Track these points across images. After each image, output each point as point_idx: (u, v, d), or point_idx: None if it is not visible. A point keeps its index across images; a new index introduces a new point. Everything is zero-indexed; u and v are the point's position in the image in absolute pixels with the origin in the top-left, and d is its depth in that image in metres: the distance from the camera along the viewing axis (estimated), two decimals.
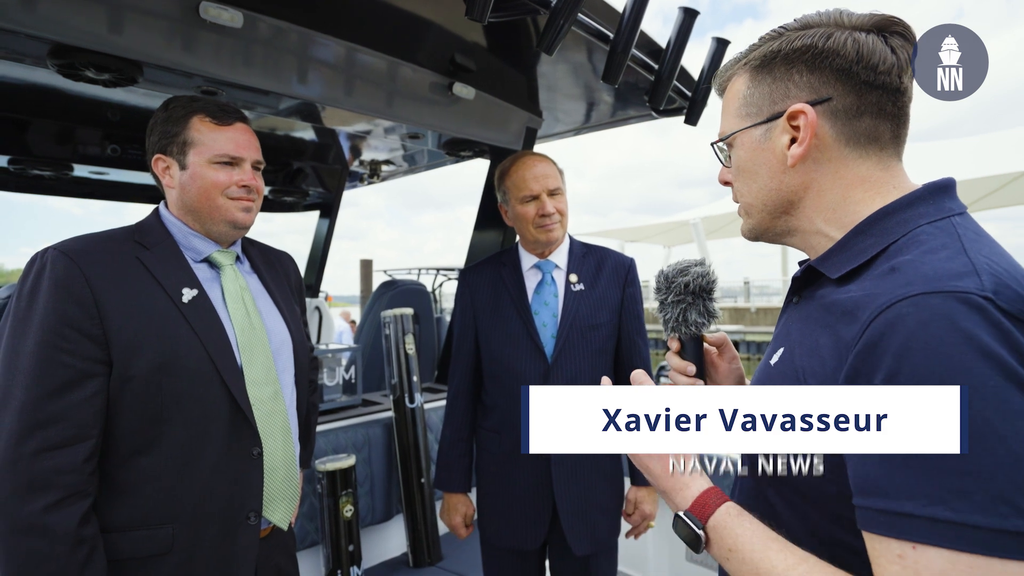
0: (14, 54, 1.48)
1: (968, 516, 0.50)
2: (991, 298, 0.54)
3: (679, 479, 0.74)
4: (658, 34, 1.75)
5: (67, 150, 2.50)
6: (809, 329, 0.69)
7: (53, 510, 1.01)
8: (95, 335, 1.08)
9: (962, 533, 0.51)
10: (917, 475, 0.53)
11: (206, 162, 1.24)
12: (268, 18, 1.60)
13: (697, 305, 0.92)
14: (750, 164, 0.78)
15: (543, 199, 1.68)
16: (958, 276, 0.56)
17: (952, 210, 0.67)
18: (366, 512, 2.28)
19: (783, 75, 0.73)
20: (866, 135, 0.70)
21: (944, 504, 0.51)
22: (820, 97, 0.70)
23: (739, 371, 1.01)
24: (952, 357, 0.52)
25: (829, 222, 0.73)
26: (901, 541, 0.54)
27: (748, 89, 0.77)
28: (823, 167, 0.72)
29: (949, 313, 0.54)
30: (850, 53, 0.68)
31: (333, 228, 3.88)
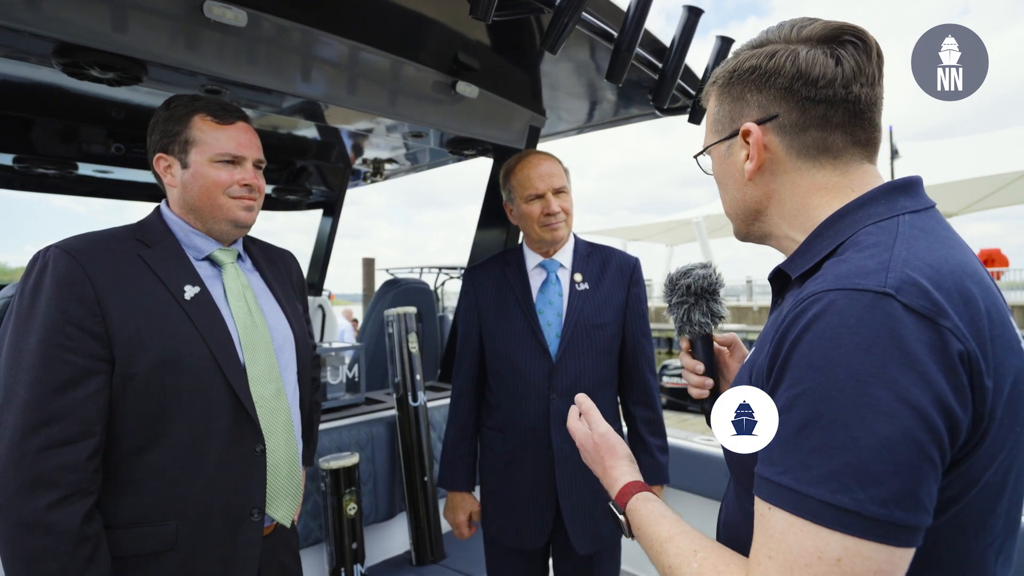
0: (19, 53, 1.48)
1: (805, 486, 0.57)
2: (891, 294, 0.58)
3: (611, 475, 0.90)
4: (662, 32, 1.75)
5: (71, 148, 2.51)
6: (769, 328, 0.74)
7: (57, 508, 1.02)
8: (97, 333, 1.09)
9: (799, 500, 0.57)
10: (779, 446, 0.60)
11: (207, 161, 1.24)
12: (272, 17, 1.60)
13: (700, 306, 0.96)
14: (720, 176, 0.84)
15: (548, 198, 1.68)
16: (865, 274, 0.60)
17: (905, 208, 0.69)
18: (369, 510, 2.29)
19: (739, 94, 0.78)
20: (815, 147, 0.74)
21: (791, 474, 0.58)
22: (768, 115, 0.75)
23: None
24: (827, 348, 0.58)
25: (794, 227, 0.77)
26: (763, 502, 0.61)
27: (716, 107, 0.82)
28: (780, 178, 0.77)
29: (840, 308, 0.59)
30: (789, 71, 0.72)
31: (336, 226, 3.88)
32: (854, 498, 0.55)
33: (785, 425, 0.60)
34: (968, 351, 0.57)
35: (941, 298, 0.58)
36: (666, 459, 1.78)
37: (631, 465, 0.91)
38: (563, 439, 1.65)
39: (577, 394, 0.96)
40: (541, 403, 1.66)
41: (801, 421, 0.58)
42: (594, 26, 1.54)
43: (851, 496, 0.55)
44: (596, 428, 0.95)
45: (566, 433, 1.66)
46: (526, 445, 1.68)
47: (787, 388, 0.61)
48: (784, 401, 0.61)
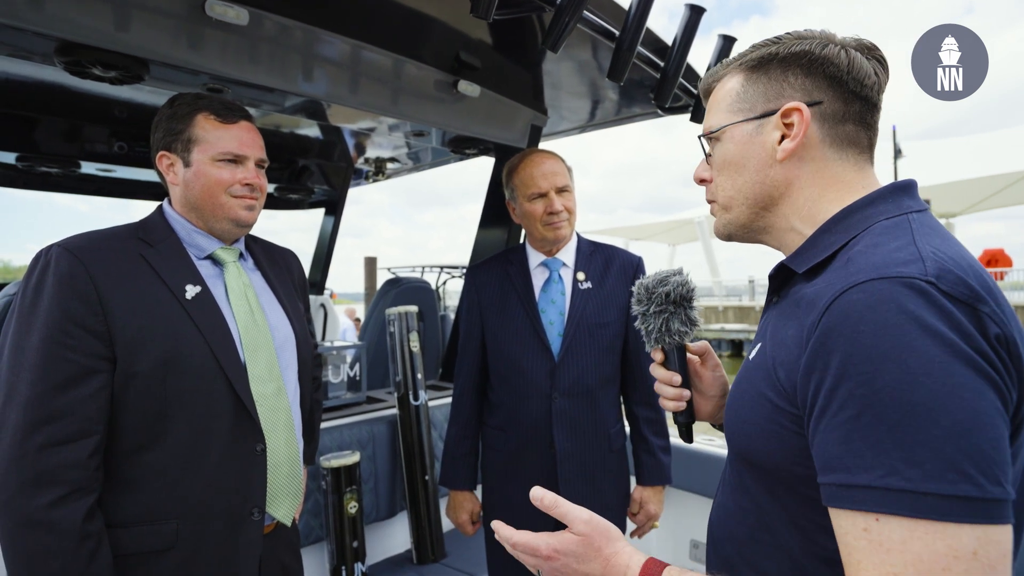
0: (22, 52, 1.48)
1: (920, 484, 0.53)
2: (933, 282, 0.58)
3: (617, 562, 0.73)
4: (664, 31, 1.74)
5: (74, 147, 2.51)
6: (781, 323, 0.73)
7: (59, 505, 1.02)
8: (99, 331, 1.09)
9: (916, 500, 0.53)
10: (871, 448, 0.56)
11: (210, 160, 1.24)
12: (274, 16, 1.61)
13: (679, 314, 0.93)
14: (738, 157, 0.81)
15: (551, 197, 1.68)
16: (904, 263, 0.60)
17: (910, 208, 0.71)
18: (370, 509, 2.29)
19: (779, 76, 0.78)
20: (847, 139, 0.76)
21: (898, 474, 0.54)
22: (812, 100, 0.76)
23: (722, 379, 1.02)
24: (898, 336, 0.56)
25: (803, 220, 0.78)
26: (865, 514, 0.56)
27: (743, 87, 0.81)
28: (806, 165, 0.77)
29: (894, 296, 0.58)
30: (843, 63, 0.74)
31: (338, 225, 3.89)
32: (976, 484, 0.52)
33: (869, 424, 0.56)
34: (1005, 335, 0.58)
35: (975, 285, 0.59)
36: (669, 459, 1.78)
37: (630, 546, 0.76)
38: (565, 438, 1.65)
39: (532, 490, 0.78)
40: (543, 402, 1.66)
41: (892, 416, 0.55)
42: (596, 24, 1.54)
43: (972, 483, 0.52)
44: (578, 517, 0.75)
45: (568, 431, 1.67)
46: (528, 444, 1.68)
47: (860, 385, 0.57)
48: (858, 399, 0.57)
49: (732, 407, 0.80)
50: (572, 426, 1.66)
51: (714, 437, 2.61)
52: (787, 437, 0.67)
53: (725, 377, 1.02)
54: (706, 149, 0.87)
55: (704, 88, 0.89)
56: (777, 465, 0.70)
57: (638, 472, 1.80)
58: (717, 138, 0.84)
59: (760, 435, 0.72)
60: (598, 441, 1.69)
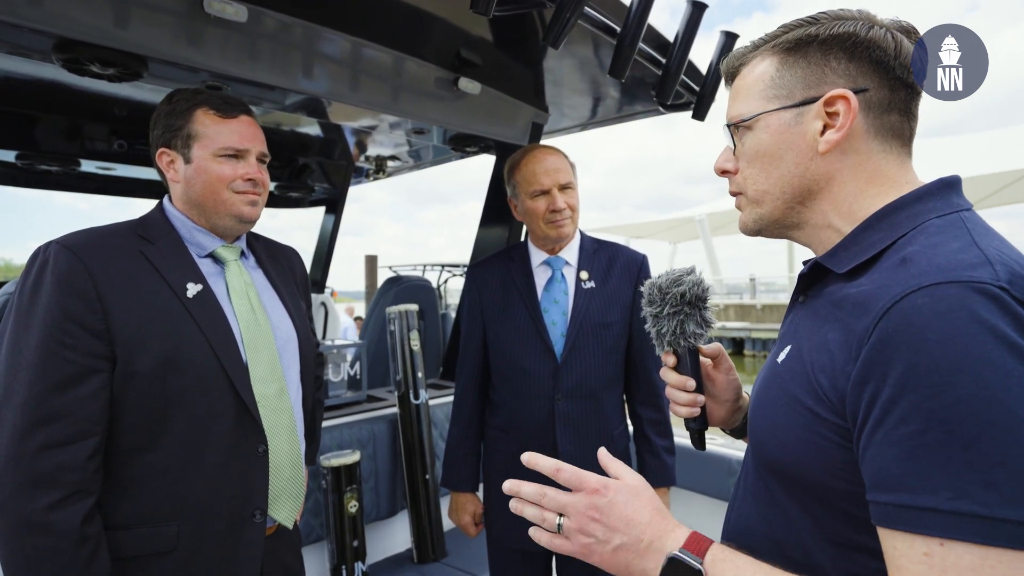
0: (20, 49, 1.48)
1: (997, 509, 0.49)
2: (1006, 288, 0.54)
3: (668, 518, 0.72)
4: (665, 27, 1.74)
5: (74, 145, 2.51)
6: (817, 325, 0.68)
7: (57, 508, 1.01)
8: (98, 330, 1.08)
9: (992, 527, 0.49)
10: (940, 467, 0.51)
11: (211, 155, 1.23)
12: (272, 12, 1.60)
13: (694, 315, 0.89)
14: (774, 148, 0.75)
15: (554, 194, 1.66)
16: (972, 266, 0.56)
17: (960, 206, 0.67)
18: (371, 508, 2.28)
19: (819, 60, 0.71)
20: (892, 130, 0.71)
21: (970, 497, 0.50)
22: (857, 87, 0.70)
23: (736, 382, 0.98)
24: (972, 347, 0.52)
25: (841, 216, 0.73)
26: (927, 538, 0.52)
27: (778, 71, 0.74)
28: (848, 158, 0.72)
29: (966, 303, 0.53)
30: (890, 47, 0.69)
31: (339, 224, 3.88)
32: None
33: (938, 442, 0.52)
34: None
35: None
36: (673, 461, 1.76)
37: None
38: (568, 440, 1.64)
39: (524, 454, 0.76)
40: (546, 404, 1.64)
41: (965, 434, 0.51)
42: (597, 21, 1.52)
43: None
44: (631, 472, 0.76)
45: (571, 434, 1.65)
46: (530, 446, 1.65)
47: (927, 398, 0.52)
48: (925, 413, 0.53)
49: (759, 413, 0.75)
50: (575, 428, 1.64)
51: (715, 436, 2.60)
52: (827, 449, 0.63)
53: (738, 380, 0.99)
54: (733, 139, 0.80)
55: (728, 70, 0.82)
56: (814, 478, 0.66)
57: (642, 473, 1.77)
58: (748, 127, 0.77)
59: (795, 445, 0.67)
60: (601, 443, 1.66)
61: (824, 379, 0.63)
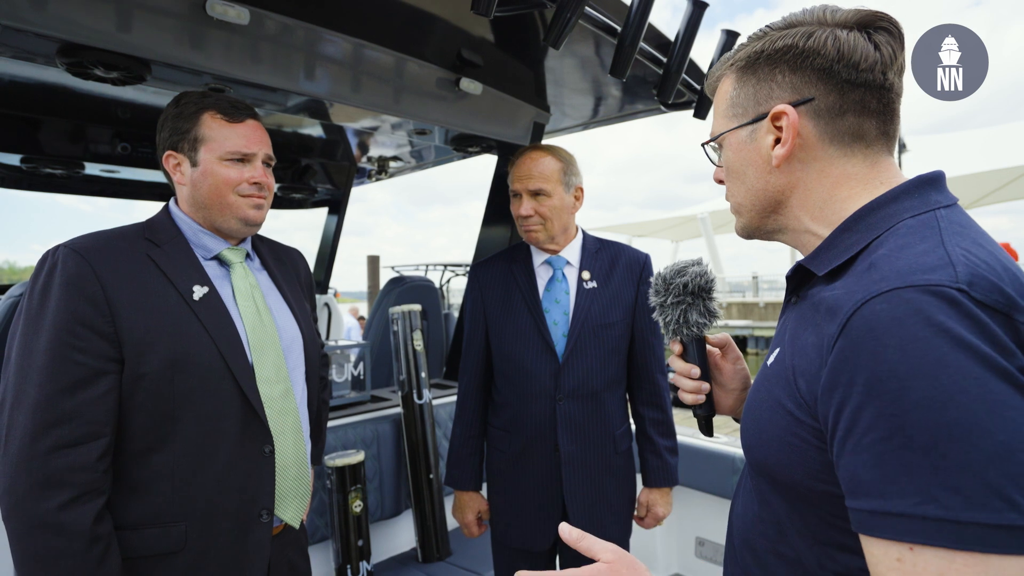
0: (24, 53, 1.49)
1: (961, 513, 0.49)
2: (964, 289, 0.53)
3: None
4: (667, 26, 1.73)
5: (78, 148, 2.52)
6: (800, 328, 0.69)
7: (68, 508, 1.02)
8: (107, 333, 1.09)
9: (957, 530, 0.49)
10: (905, 473, 0.52)
11: (217, 159, 1.23)
12: (275, 15, 1.60)
13: (697, 305, 0.92)
14: (737, 164, 0.78)
15: (523, 199, 1.65)
16: (931, 269, 0.56)
17: (938, 203, 0.66)
18: (375, 507, 2.29)
19: (767, 76, 0.73)
20: (850, 133, 0.70)
21: (936, 502, 0.50)
22: (802, 97, 0.71)
23: (744, 372, 0.99)
24: (926, 351, 0.52)
25: (817, 220, 0.73)
26: (899, 543, 0.53)
27: (734, 90, 0.77)
28: (809, 166, 0.73)
29: (922, 307, 0.53)
30: (830, 52, 0.68)
31: (342, 224, 3.89)
32: (1021, 510, 0.48)
33: (901, 447, 0.52)
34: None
35: (1012, 292, 0.55)
36: (676, 460, 1.76)
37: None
38: (569, 441, 1.64)
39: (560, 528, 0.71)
40: (547, 404, 1.64)
41: (926, 438, 0.51)
42: (597, 20, 1.53)
43: (1019, 510, 0.48)
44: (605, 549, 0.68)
45: (572, 434, 1.65)
46: (532, 446, 1.67)
47: (888, 404, 0.53)
48: (887, 419, 0.53)
49: (749, 415, 0.77)
50: (577, 429, 1.65)
51: (719, 434, 2.60)
52: (807, 451, 0.64)
53: (747, 370, 1.00)
54: (710, 156, 0.84)
55: (709, 90, 0.85)
56: (797, 480, 0.66)
57: (644, 474, 1.78)
58: (719, 144, 0.81)
59: (779, 447, 0.68)
60: (603, 443, 1.67)
61: (802, 383, 0.64)
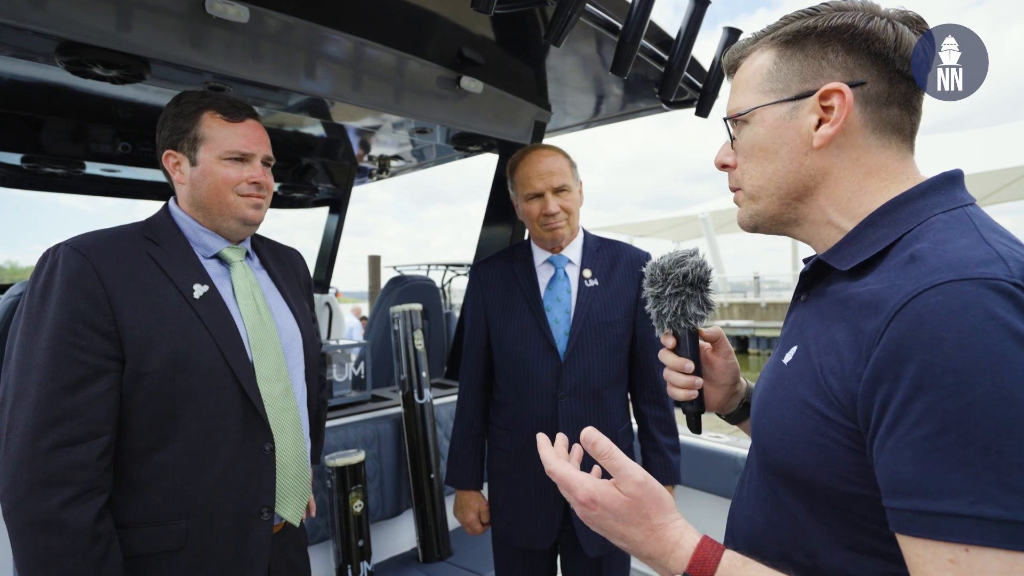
0: (23, 52, 1.48)
1: (1021, 513, 0.48)
2: (1020, 284, 0.53)
3: (665, 537, 0.67)
4: (668, 24, 1.71)
5: (79, 148, 2.52)
6: (824, 325, 0.67)
7: (69, 506, 1.02)
8: (108, 331, 1.08)
9: (1018, 531, 0.48)
10: (958, 470, 0.50)
11: (216, 158, 1.23)
12: (274, 13, 1.60)
13: (696, 297, 0.89)
14: (769, 142, 0.74)
15: (547, 197, 1.64)
16: (984, 263, 0.54)
17: (964, 200, 0.66)
18: (376, 507, 2.29)
19: (816, 53, 0.70)
20: (891, 124, 0.69)
21: (993, 501, 0.48)
22: (855, 80, 0.68)
23: (734, 367, 0.98)
24: (988, 345, 0.50)
25: (841, 212, 0.71)
26: (952, 544, 0.51)
27: (775, 64, 0.73)
28: (845, 153, 0.70)
29: (981, 300, 0.52)
30: (890, 39, 0.67)
31: (343, 224, 3.89)
32: None
33: (956, 444, 0.50)
34: None
35: None
36: (678, 459, 1.76)
37: (684, 521, 0.70)
38: (571, 439, 1.63)
39: (584, 429, 0.74)
40: (549, 402, 1.64)
41: (985, 435, 0.49)
42: (598, 18, 1.52)
43: None
44: (631, 477, 0.70)
45: (574, 433, 1.63)
46: (533, 445, 1.66)
47: (943, 399, 0.51)
48: (940, 414, 0.51)
49: (765, 415, 0.74)
50: (578, 427, 1.63)
51: (720, 434, 2.59)
52: (837, 452, 0.62)
53: (737, 365, 0.99)
54: (731, 132, 0.79)
55: (729, 63, 0.81)
56: (823, 482, 0.64)
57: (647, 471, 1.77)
58: (745, 120, 0.76)
59: (805, 449, 0.65)
60: None
61: (834, 381, 0.62)
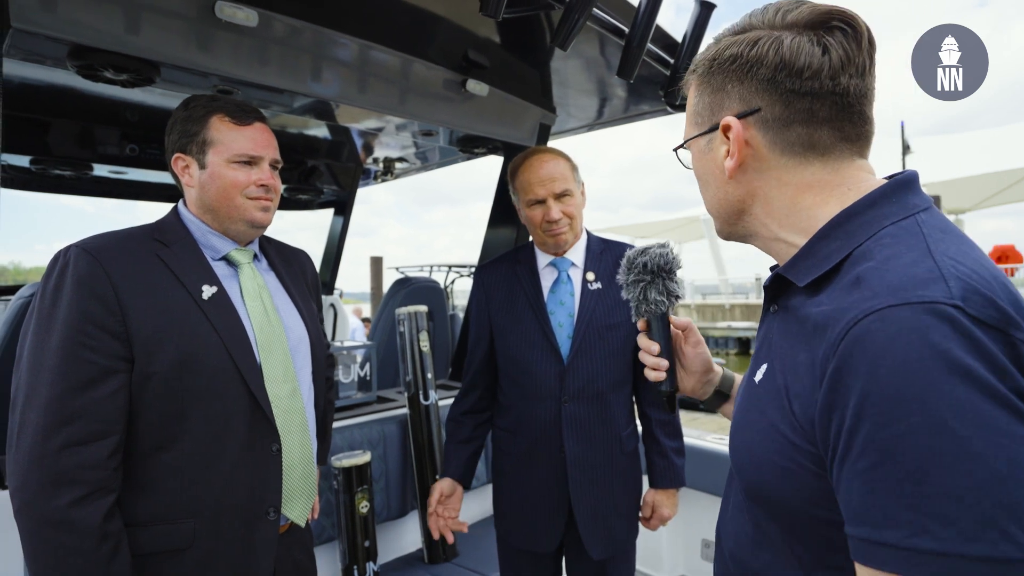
0: (35, 56, 1.50)
1: (954, 545, 0.47)
2: (960, 306, 0.51)
3: None
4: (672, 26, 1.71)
5: (87, 150, 2.54)
6: (789, 344, 0.67)
7: (79, 505, 1.03)
8: (117, 332, 1.09)
9: (949, 565, 0.48)
10: (896, 502, 0.50)
11: (225, 161, 1.25)
12: (283, 17, 1.61)
13: (656, 284, 0.96)
14: (700, 172, 0.78)
15: (549, 204, 1.62)
16: (924, 284, 0.54)
17: (916, 206, 0.64)
18: (381, 508, 2.30)
19: (719, 85, 0.72)
20: (801, 143, 0.68)
21: (929, 534, 0.48)
22: (749, 108, 0.69)
23: (704, 355, 1.04)
24: (922, 374, 0.50)
25: (786, 228, 0.71)
26: (887, 574, 0.51)
27: (696, 98, 0.76)
28: (764, 175, 0.71)
29: (918, 327, 0.51)
30: (772, 61, 0.65)
31: (347, 225, 3.91)
32: (1017, 543, 0.46)
33: (891, 475, 0.50)
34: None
35: (1006, 306, 0.53)
36: (682, 462, 1.75)
37: None
38: (575, 442, 1.63)
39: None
40: (553, 406, 1.63)
41: (917, 466, 0.49)
42: (605, 22, 1.53)
43: (1014, 543, 0.46)
44: None
45: (578, 436, 1.64)
46: (537, 448, 1.66)
47: (878, 429, 0.51)
48: (878, 445, 0.51)
49: (739, 436, 0.74)
50: (583, 430, 1.64)
51: (725, 436, 2.59)
52: (805, 478, 0.61)
53: (707, 354, 1.04)
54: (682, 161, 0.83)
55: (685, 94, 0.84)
56: (793, 505, 0.64)
57: (651, 475, 1.77)
58: (687, 149, 0.80)
59: (774, 472, 0.65)
60: (609, 445, 1.66)
61: (797, 406, 0.62)
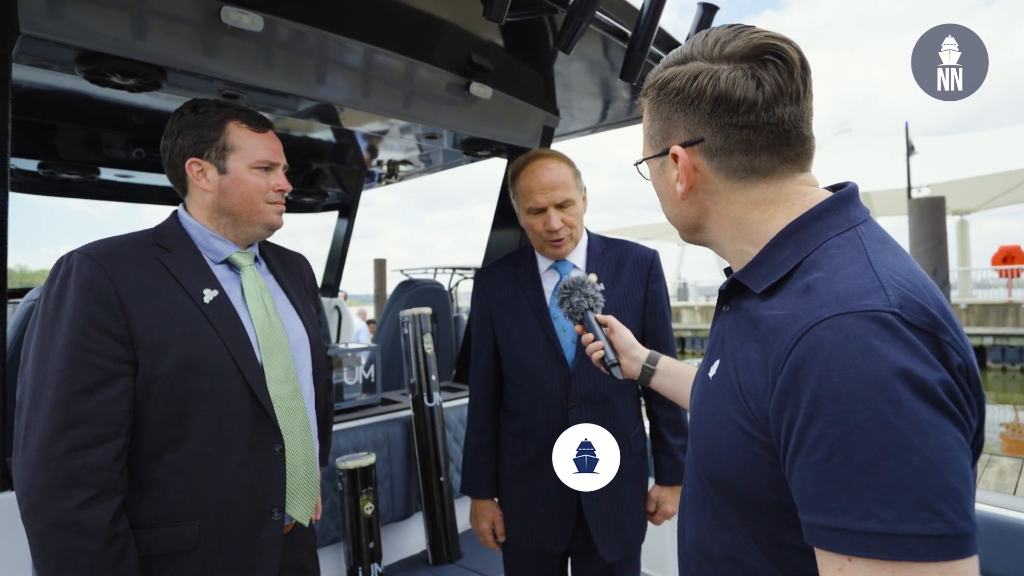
0: (43, 61, 1.51)
1: (894, 525, 0.54)
2: (897, 312, 0.58)
3: None
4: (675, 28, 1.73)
5: (94, 154, 2.56)
6: (740, 342, 0.71)
7: (86, 507, 1.04)
8: (121, 336, 1.10)
9: (891, 542, 0.54)
10: (845, 490, 0.56)
11: (247, 167, 1.27)
12: (287, 21, 1.62)
13: (575, 294, 1.35)
14: (657, 189, 0.83)
15: (550, 213, 1.59)
16: (867, 293, 0.60)
17: (856, 219, 0.70)
18: (386, 510, 2.30)
19: (667, 112, 0.75)
20: (743, 169, 0.72)
21: (874, 517, 0.54)
22: (694, 138, 0.73)
23: (627, 336, 1.34)
24: (866, 375, 0.56)
25: (739, 240, 0.76)
26: (839, 556, 0.57)
27: (648, 122, 0.80)
28: (714, 196, 0.76)
29: (862, 333, 0.57)
30: (710, 96, 0.69)
31: (352, 228, 3.92)
32: (947, 520, 0.53)
33: (841, 466, 0.56)
34: (965, 363, 0.59)
35: (935, 312, 0.59)
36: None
37: None
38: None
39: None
40: (559, 412, 1.62)
41: (863, 457, 0.55)
42: (608, 25, 1.54)
43: (944, 520, 0.53)
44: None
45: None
46: (545, 453, 1.64)
47: (830, 425, 0.57)
48: (829, 439, 0.57)
49: (698, 427, 0.79)
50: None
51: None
52: (761, 467, 0.66)
53: (629, 335, 1.34)
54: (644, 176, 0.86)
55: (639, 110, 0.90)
56: (754, 493, 0.69)
57: (657, 472, 1.78)
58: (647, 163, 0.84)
59: (734, 463, 0.70)
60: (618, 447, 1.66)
61: (751, 401, 0.67)
